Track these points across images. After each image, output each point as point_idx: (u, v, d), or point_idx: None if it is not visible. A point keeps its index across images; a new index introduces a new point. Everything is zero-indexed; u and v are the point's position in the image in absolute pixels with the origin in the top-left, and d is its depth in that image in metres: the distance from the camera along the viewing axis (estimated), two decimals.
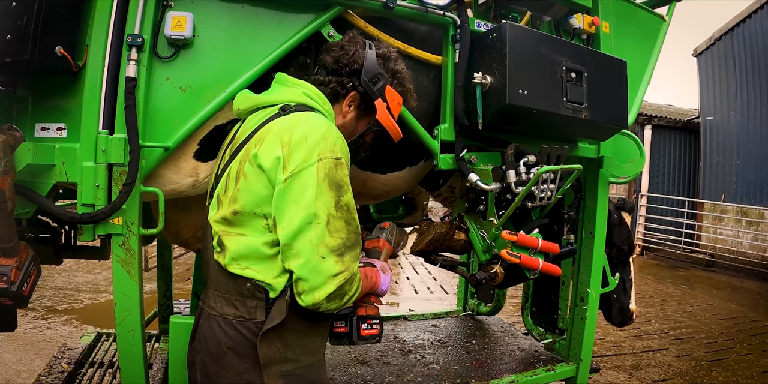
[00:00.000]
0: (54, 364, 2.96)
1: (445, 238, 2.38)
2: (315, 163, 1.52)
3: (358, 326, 1.78)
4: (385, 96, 1.83)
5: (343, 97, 1.82)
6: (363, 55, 1.81)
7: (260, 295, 1.61)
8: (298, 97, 1.75)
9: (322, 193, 1.52)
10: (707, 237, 12.62)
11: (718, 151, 12.91)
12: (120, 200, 1.83)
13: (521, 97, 2.13)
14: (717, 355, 5.65)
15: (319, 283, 1.51)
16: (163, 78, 1.94)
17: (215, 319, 1.64)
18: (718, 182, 12.82)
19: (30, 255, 1.96)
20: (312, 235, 1.51)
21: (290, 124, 1.59)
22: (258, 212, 1.57)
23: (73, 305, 6.61)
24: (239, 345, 1.60)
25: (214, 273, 1.68)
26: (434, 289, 8.53)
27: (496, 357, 3.24)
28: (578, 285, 3.07)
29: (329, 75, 1.82)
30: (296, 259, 1.51)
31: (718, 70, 12.92)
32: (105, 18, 1.87)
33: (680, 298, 8.56)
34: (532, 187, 2.18)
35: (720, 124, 12.86)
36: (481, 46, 2.26)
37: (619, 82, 2.54)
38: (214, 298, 1.67)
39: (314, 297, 1.52)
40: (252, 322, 1.61)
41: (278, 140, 1.56)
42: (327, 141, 1.56)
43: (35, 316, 6.04)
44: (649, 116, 13.60)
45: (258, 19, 2.04)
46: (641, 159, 2.96)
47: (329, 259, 1.52)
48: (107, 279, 7.98)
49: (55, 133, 1.93)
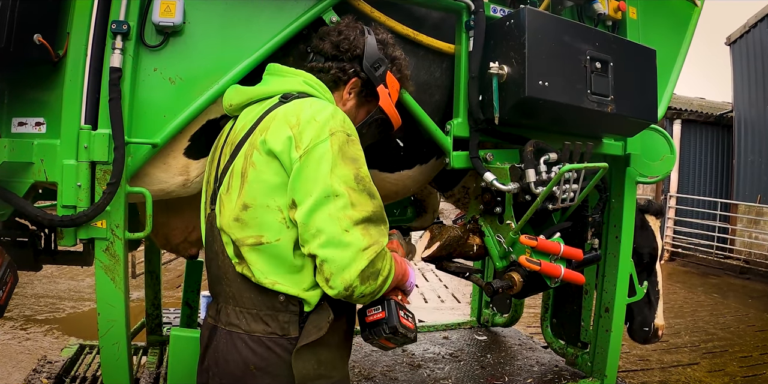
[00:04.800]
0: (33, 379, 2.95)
1: (459, 242, 2.37)
2: (328, 138, 1.54)
3: (397, 310, 1.69)
4: (386, 82, 1.88)
5: (344, 83, 1.86)
6: (363, 41, 1.85)
7: (294, 308, 1.60)
8: (298, 86, 1.77)
9: (338, 166, 1.53)
10: (741, 241, 12.57)
11: (753, 149, 12.81)
12: (104, 201, 1.83)
13: (541, 89, 2.11)
14: (752, 371, 5.60)
15: (347, 260, 1.48)
16: (151, 68, 1.94)
17: (239, 338, 1.62)
18: (753, 182, 12.73)
19: (6, 261, 1.97)
20: (332, 209, 1.49)
21: (296, 108, 1.62)
22: (271, 204, 1.56)
23: (55, 314, 6.66)
24: (271, 365, 1.59)
25: (235, 287, 1.65)
26: (445, 297, 8.55)
27: (512, 372, 3.23)
28: (603, 294, 3.05)
29: (328, 61, 1.85)
30: (317, 239, 1.49)
31: (753, 60, 12.83)
32: (87, 3, 1.87)
33: (712, 308, 8.53)
34: (553, 188, 2.16)
35: (756, 118, 12.76)
36: (498, 34, 2.25)
37: (648, 73, 2.53)
38: (236, 314, 1.64)
39: (345, 278, 1.48)
40: (285, 338, 1.60)
41: (286, 123, 1.57)
42: (336, 119, 1.60)
43: (13, 326, 6.07)
44: (678, 110, 13.55)
45: (255, 4, 2.04)
46: (672, 157, 2.95)
47: (354, 231, 1.50)
48: (91, 286, 8.02)
49: (34, 129, 1.94)
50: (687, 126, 13.62)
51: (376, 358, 3.32)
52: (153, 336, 3.58)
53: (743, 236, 12.61)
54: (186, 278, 3.56)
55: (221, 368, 1.64)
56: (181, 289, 3.60)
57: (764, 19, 12.39)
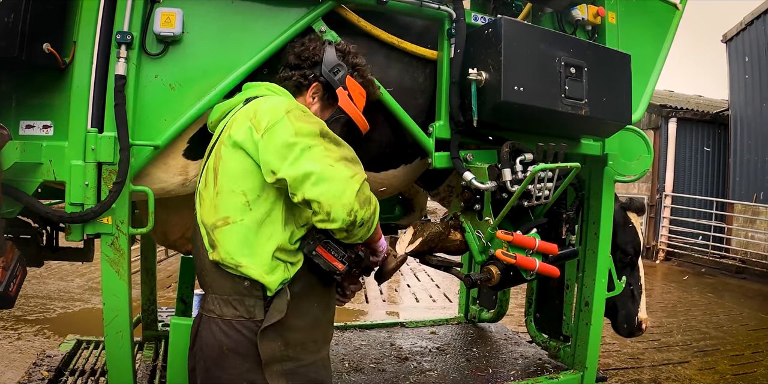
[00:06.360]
0: (33, 372, 3.10)
1: (440, 238, 2.53)
2: (284, 116, 1.76)
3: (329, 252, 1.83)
4: (345, 85, 2.08)
5: (306, 88, 2.08)
6: (323, 49, 2.09)
7: (258, 293, 1.79)
8: (260, 92, 2.00)
9: (302, 128, 1.74)
10: (737, 241, 12.68)
11: (750, 147, 12.87)
12: (110, 199, 1.99)
13: (517, 94, 2.27)
14: (743, 369, 5.69)
15: (341, 187, 1.66)
16: (152, 75, 2.11)
17: (214, 322, 1.82)
18: (749, 181, 12.79)
19: (16, 255, 2.12)
20: (311, 155, 1.70)
21: (253, 105, 1.86)
22: (236, 189, 1.78)
23: (45, 314, 6.76)
24: (240, 345, 1.78)
25: (210, 276, 1.85)
26: (437, 297, 8.66)
27: (497, 365, 3.39)
28: (583, 289, 3.19)
29: (292, 70, 2.09)
30: (307, 180, 1.65)
31: (750, 58, 12.92)
32: (93, 14, 2.04)
33: (706, 308, 8.63)
34: (528, 186, 2.33)
35: (752, 117, 12.82)
36: (477, 41, 2.41)
37: (623, 77, 2.67)
38: (213, 301, 1.84)
39: (344, 203, 1.65)
40: (251, 320, 1.79)
41: (245, 117, 1.81)
42: (290, 103, 1.83)
43: (4, 327, 6.17)
44: (674, 108, 13.65)
45: (249, 14, 2.21)
46: (649, 156, 3.09)
47: (338, 165, 1.71)
48: (81, 286, 8.15)
49: (41, 131, 2.10)
50: (683, 124, 13.69)
51: (365, 351, 3.49)
52: (149, 331, 3.70)
53: (739, 236, 12.70)
54: (181, 275, 3.71)
55: (203, 352, 1.84)
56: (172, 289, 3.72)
57: (760, 17, 12.48)
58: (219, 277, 1.83)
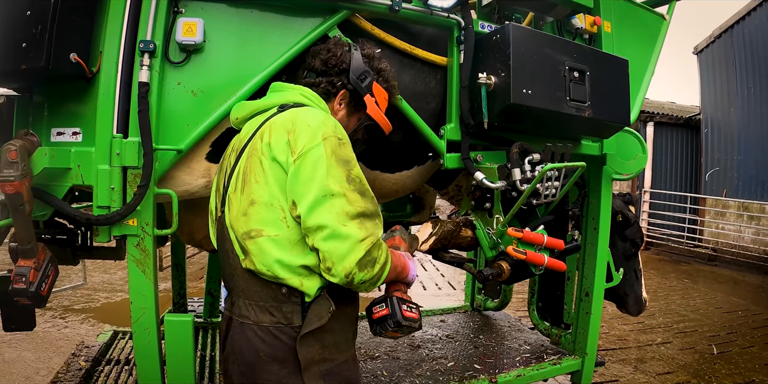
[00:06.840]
0: (72, 362, 2.97)
1: (453, 235, 2.38)
2: (321, 143, 1.56)
3: (399, 306, 1.72)
4: (372, 92, 1.89)
5: (333, 95, 1.88)
6: (349, 56, 1.88)
7: (296, 299, 1.62)
8: (295, 98, 1.80)
9: (332, 167, 1.55)
10: (709, 232, 12.59)
11: (719, 147, 12.85)
12: (135, 202, 1.85)
13: (525, 97, 2.13)
14: (720, 348, 5.64)
15: (346, 250, 1.51)
16: (175, 82, 1.96)
17: (250, 328, 1.64)
18: (719, 178, 12.75)
19: (48, 256, 1.98)
20: (329, 206, 1.52)
21: (291, 116, 1.65)
22: (275, 203, 1.58)
23: (90, 304, 6.66)
24: (278, 351, 1.61)
25: (243, 282, 1.67)
26: (442, 285, 8.53)
27: (503, 351, 3.24)
28: (583, 280, 3.06)
29: (319, 77, 1.87)
30: (319, 232, 1.51)
31: (719, 68, 12.84)
32: (117, 25, 1.89)
33: (683, 292, 8.53)
34: (536, 185, 2.18)
35: (721, 120, 12.79)
36: (486, 47, 2.26)
37: (621, 81, 2.54)
38: (246, 307, 1.66)
39: (344, 266, 1.51)
40: (289, 327, 1.61)
41: (283, 130, 1.60)
42: (327, 125, 1.62)
43: (53, 316, 6.09)
44: (651, 113, 13.53)
45: (267, 24, 2.05)
46: (644, 156, 2.95)
47: (351, 225, 1.52)
48: (122, 278, 8.03)
49: (71, 138, 1.96)
50: (659, 128, 13.60)
51: (380, 340, 3.31)
52: None
53: (711, 227, 12.65)
54: (208, 270, 3.60)
55: (237, 356, 1.67)
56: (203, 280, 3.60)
57: (728, 30, 12.39)
58: (254, 283, 1.65)
